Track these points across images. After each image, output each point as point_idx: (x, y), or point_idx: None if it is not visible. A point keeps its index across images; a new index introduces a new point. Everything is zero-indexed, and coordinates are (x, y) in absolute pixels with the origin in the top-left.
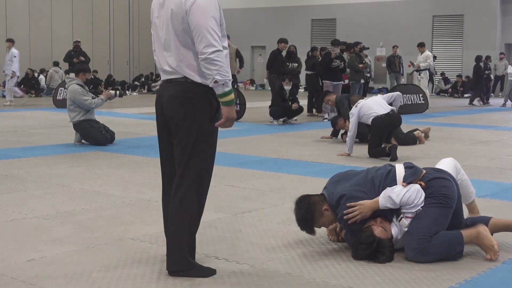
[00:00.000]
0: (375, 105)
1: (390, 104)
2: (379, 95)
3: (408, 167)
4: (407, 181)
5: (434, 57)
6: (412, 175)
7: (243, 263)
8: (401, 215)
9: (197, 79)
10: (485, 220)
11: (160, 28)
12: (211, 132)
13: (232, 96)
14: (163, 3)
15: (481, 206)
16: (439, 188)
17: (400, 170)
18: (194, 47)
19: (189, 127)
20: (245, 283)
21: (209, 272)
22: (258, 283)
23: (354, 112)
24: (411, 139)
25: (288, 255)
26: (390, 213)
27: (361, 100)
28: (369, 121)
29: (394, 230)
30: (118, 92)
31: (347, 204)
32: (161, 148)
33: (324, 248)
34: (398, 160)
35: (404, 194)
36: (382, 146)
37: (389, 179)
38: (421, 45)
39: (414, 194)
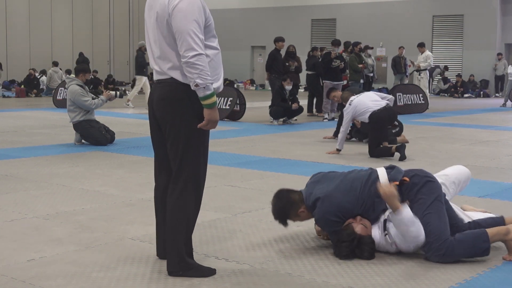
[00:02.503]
0: (369, 102)
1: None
2: (371, 91)
3: (390, 167)
4: (398, 178)
5: (434, 69)
6: (399, 172)
7: (243, 263)
8: (386, 232)
9: (183, 79)
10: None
11: (150, 28)
12: (202, 131)
13: (214, 99)
14: (152, 5)
15: (481, 206)
16: (424, 183)
17: (382, 173)
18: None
19: (180, 128)
20: (245, 283)
21: (209, 272)
22: (258, 283)
23: (349, 110)
24: (391, 141)
25: (288, 255)
26: (372, 216)
27: (353, 96)
28: (366, 118)
29: (375, 231)
30: (118, 92)
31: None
32: (154, 147)
33: (324, 248)
34: (398, 161)
35: (416, 231)
36: (383, 145)
37: (371, 182)
38: (421, 45)
39: (415, 239)
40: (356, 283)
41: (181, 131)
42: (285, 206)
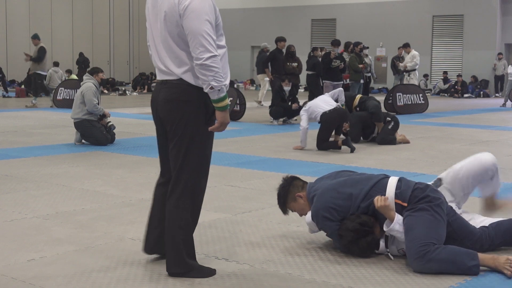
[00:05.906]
0: (322, 103)
1: (336, 100)
2: (326, 94)
3: (400, 180)
4: (404, 198)
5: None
6: (406, 191)
7: (243, 263)
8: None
9: (192, 81)
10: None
11: (154, 27)
12: (206, 135)
13: (226, 101)
14: (156, 3)
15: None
16: (422, 197)
17: (391, 188)
18: (189, 49)
19: (184, 130)
20: (245, 283)
21: (209, 272)
22: (258, 283)
23: (304, 113)
24: (390, 140)
25: (288, 255)
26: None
27: (309, 102)
28: (318, 118)
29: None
30: (112, 124)
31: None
32: (159, 146)
33: (324, 248)
34: (397, 161)
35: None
36: (333, 139)
37: (377, 188)
38: (405, 46)
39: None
40: (356, 283)
41: (186, 134)
42: (285, 186)
